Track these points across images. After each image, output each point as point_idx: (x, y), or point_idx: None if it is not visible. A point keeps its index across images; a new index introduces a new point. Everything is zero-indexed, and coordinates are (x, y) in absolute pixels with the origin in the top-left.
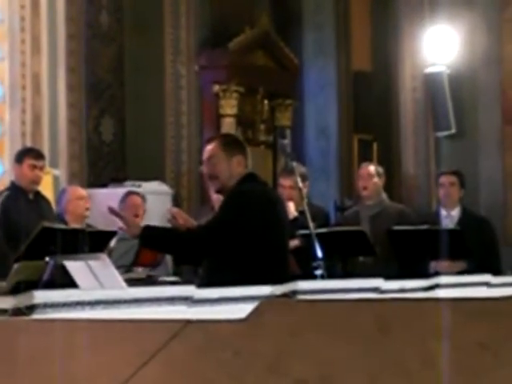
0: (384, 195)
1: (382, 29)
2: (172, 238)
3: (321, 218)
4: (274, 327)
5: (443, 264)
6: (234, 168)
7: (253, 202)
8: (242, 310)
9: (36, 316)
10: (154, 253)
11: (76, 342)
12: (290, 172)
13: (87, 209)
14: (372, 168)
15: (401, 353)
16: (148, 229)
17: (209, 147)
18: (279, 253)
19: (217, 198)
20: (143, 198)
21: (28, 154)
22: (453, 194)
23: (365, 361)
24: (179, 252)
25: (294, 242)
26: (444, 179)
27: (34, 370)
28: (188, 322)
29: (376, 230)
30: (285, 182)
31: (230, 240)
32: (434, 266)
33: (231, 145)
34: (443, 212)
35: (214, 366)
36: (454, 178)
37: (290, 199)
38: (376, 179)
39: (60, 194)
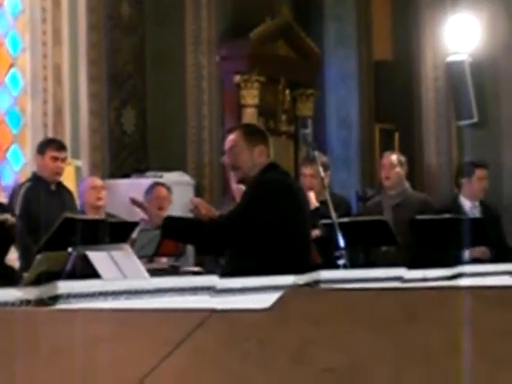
0: (407, 184)
1: (404, 18)
2: (194, 228)
3: (343, 208)
4: (299, 316)
5: (481, 250)
6: (255, 158)
7: (274, 191)
8: (265, 300)
9: (59, 306)
10: (176, 243)
11: (100, 333)
12: (311, 161)
13: (99, 198)
14: (394, 157)
15: (426, 341)
16: (169, 219)
17: (231, 137)
18: (301, 242)
19: (237, 188)
20: (169, 189)
21: (50, 146)
22: (486, 188)
23: (391, 349)
24: (201, 242)
25: (315, 232)
26: (480, 173)
27: (58, 361)
28: (213, 311)
29: (398, 219)
30: (306, 170)
31: (251, 229)
32: (469, 253)
33: (253, 135)
34: (467, 203)
35: (239, 356)
36: (487, 172)
37: (311, 188)
38: (398, 169)
39: (80, 185)
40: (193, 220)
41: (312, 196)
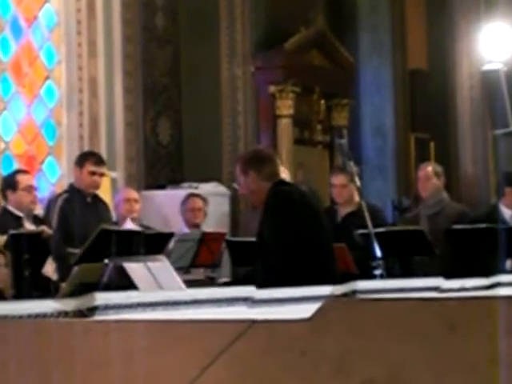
0: (444, 195)
1: (438, 27)
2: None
3: (376, 218)
4: (339, 326)
5: None
6: (250, 186)
7: (283, 200)
8: (303, 311)
9: (97, 318)
10: (212, 254)
11: (138, 344)
12: (340, 170)
13: (133, 211)
14: (429, 169)
15: (468, 351)
16: None
17: (235, 170)
18: (319, 249)
19: None
20: (204, 200)
21: (89, 159)
22: None
23: (432, 359)
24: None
25: None
26: None
27: (97, 372)
28: (253, 322)
29: (434, 229)
30: (336, 180)
31: (282, 243)
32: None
33: (245, 164)
34: (508, 211)
35: (281, 367)
36: None
37: (340, 197)
38: (434, 180)
39: (115, 197)
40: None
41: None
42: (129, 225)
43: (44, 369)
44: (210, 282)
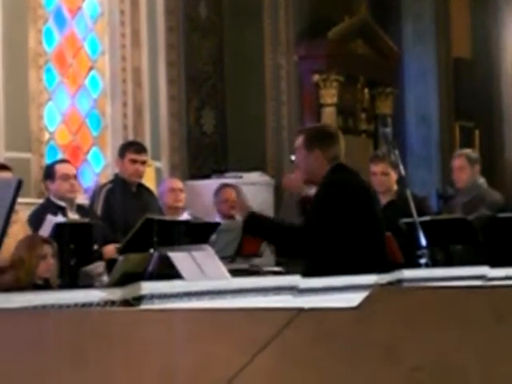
0: (480, 181)
1: (482, 15)
2: (274, 228)
3: (420, 207)
4: (386, 315)
5: None
6: (312, 162)
7: (337, 192)
8: (350, 299)
9: (143, 307)
10: (257, 243)
11: (187, 333)
12: (380, 158)
13: (178, 200)
14: (462, 160)
15: None
16: (252, 216)
17: (296, 141)
18: (373, 240)
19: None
20: (237, 189)
21: (129, 149)
22: None
23: (479, 347)
24: (281, 244)
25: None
26: None
27: (145, 361)
28: (301, 310)
29: (467, 216)
30: (376, 168)
31: (326, 231)
32: None
33: (312, 139)
34: None
35: (329, 355)
36: None
37: (382, 185)
38: (468, 169)
39: (159, 187)
40: (274, 221)
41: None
42: (185, 216)
43: (86, 358)
44: (254, 271)
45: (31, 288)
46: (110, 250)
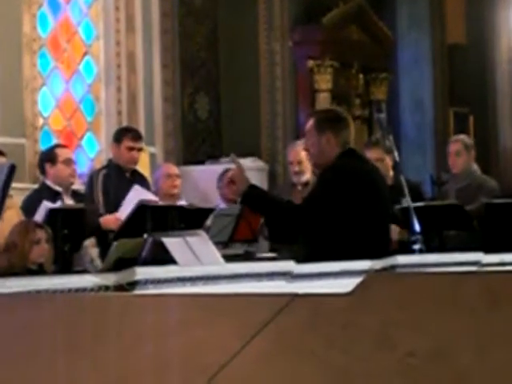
0: (474, 167)
1: (477, 1)
2: (272, 204)
3: (414, 193)
4: (380, 301)
5: None
6: (323, 145)
7: (343, 176)
8: (344, 285)
9: (137, 292)
10: (251, 229)
11: (180, 318)
12: (374, 144)
13: (174, 186)
14: (458, 145)
15: (509, 325)
16: (252, 188)
17: (308, 123)
18: (378, 227)
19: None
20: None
21: (126, 135)
22: None
23: (473, 332)
24: (276, 220)
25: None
26: None
27: (139, 346)
28: (295, 295)
29: (461, 202)
30: (371, 154)
31: (323, 214)
32: None
33: (323, 122)
34: None
35: (323, 340)
36: None
37: None
38: (464, 155)
39: (155, 172)
40: (273, 196)
41: None
42: (182, 202)
43: (80, 342)
44: (248, 257)
45: (25, 273)
46: (110, 220)
